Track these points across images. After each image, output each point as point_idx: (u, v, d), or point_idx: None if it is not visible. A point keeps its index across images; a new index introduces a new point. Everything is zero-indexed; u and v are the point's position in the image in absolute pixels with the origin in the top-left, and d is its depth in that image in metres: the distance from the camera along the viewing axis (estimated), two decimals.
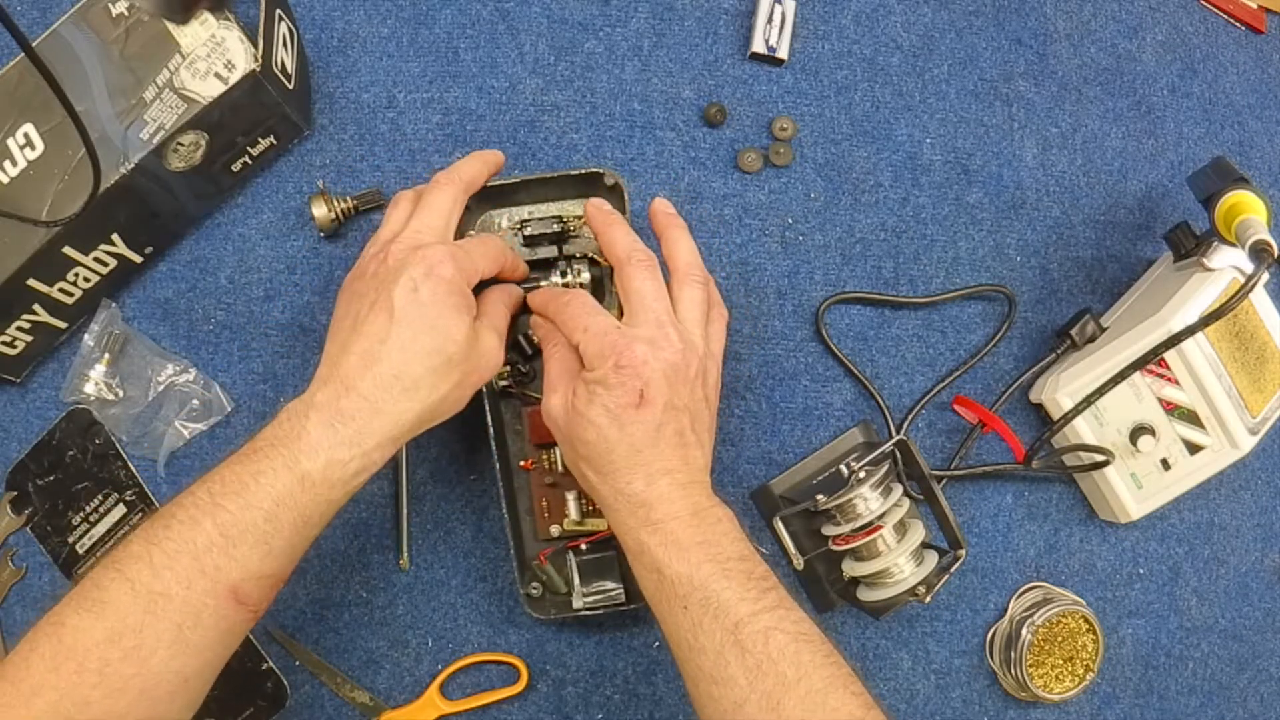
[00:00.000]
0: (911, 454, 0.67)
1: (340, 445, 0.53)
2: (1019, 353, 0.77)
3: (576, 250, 0.67)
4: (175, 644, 0.50)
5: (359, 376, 0.54)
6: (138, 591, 0.50)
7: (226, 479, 0.52)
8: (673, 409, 0.57)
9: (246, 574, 0.52)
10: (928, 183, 0.76)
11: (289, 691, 0.69)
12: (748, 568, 0.55)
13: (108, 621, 0.49)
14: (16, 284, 0.63)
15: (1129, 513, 0.73)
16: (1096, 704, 0.76)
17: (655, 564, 0.55)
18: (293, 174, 0.71)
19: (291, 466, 0.52)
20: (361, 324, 0.55)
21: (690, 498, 0.57)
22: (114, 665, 0.49)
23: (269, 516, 0.52)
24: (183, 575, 0.50)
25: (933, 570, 0.66)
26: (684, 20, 0.75)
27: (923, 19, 0.77)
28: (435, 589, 0.70)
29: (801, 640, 0.54)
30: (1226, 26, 0.82)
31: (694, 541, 0.55)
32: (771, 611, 0.54)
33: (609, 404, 0.56)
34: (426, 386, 0.55)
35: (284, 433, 0.53)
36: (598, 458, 0.57)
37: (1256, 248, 0.62)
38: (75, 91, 0.62)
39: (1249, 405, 0.70)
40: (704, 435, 0.59)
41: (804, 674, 0.52)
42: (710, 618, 0.54)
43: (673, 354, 0.57)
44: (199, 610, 0.51)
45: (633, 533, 0.56)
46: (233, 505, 0.51)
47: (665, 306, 0.59)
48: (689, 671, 0.55)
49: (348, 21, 0.72)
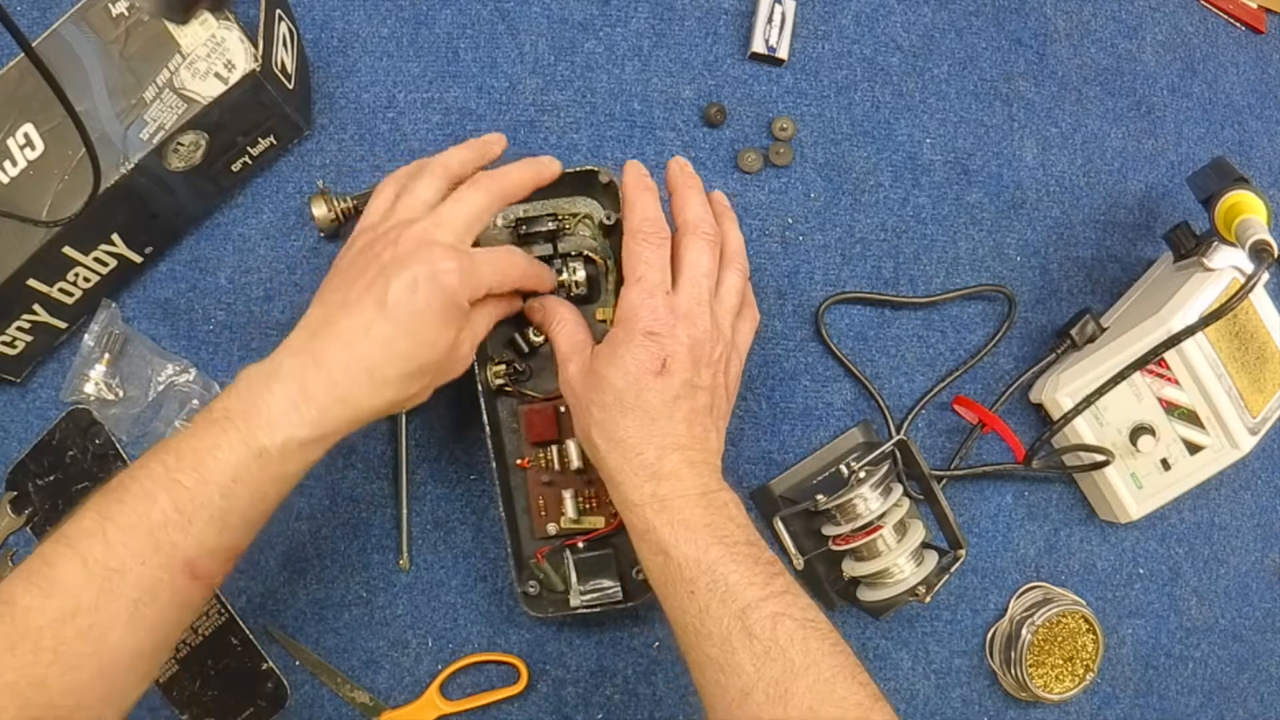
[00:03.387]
0: (911, 454, 0.67)
1: (300, 425, 0.52)
2: (1019, 353, 0.77)
3: (572, 248, 0.67)
4: (131, 621, 0.49)
5: (333, 358, 0.53)
6: (91, 569, 0.49)
7: (182, 452, 0.51)
8: (691, 386, 0.57)
9: (203, 549, 0.51)
10: (928, 183, 0.76)
11: (289, 691, 0.69)
12: (755, 552, 0.55)
13: (61, 600, 0.48)
14: (16, 284, 0.63)
15: (1129, 513, 0.73)
16: (1096, 704, 0.76)
17: (662, 545, 0.55)
18: (293, 174, 0.71)
19: (249, 442, 0.51)
20: (350, 305, 0.54)
21: (700, 477, 0.56)
22: (69, 644, 0.48)
23: (225, 492, 0.51)
24: (138, 551, 0.49)
25: (933, 570, 0.66)
26: (684, 20, 0.75)
27: (923, 19, 0.77)
28: (435, 589, 0.70)
29: (809, 627, 0.53)
30: (1226, 26, 0.82)
31: (702, 523, 0.54)
32: (780, 597, 0.53)
33: (630, 367, 0.56)
34: (394, 387, 0.54)
35: (243, 405, 0.52)
36: (611, 423, 0.57)
37: (1256, 248, 0.62)
38: (75, 91, 0.62)
39: (1249, 405, 0.70)
40: (719, 421, 0.59)
41: (812, 662, 0.51)
42: (718, 602, 0.53)
43: (701, 333, 0.57)
44: (154, 586, 0.50)
45: (638, 510, 0.56)
46: (188, 480, 0.50)
47: (710, 287, 0.59)
48: (695, 658, 0.55)
49: (348, 21, 0.72)
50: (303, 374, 0.52)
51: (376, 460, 0.70)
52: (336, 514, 0.70)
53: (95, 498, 0.51)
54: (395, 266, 0.54)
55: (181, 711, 0.68)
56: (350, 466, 0.70)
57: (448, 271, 0.54)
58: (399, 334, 0.53)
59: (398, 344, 0.54)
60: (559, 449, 0.67)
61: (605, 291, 0.68)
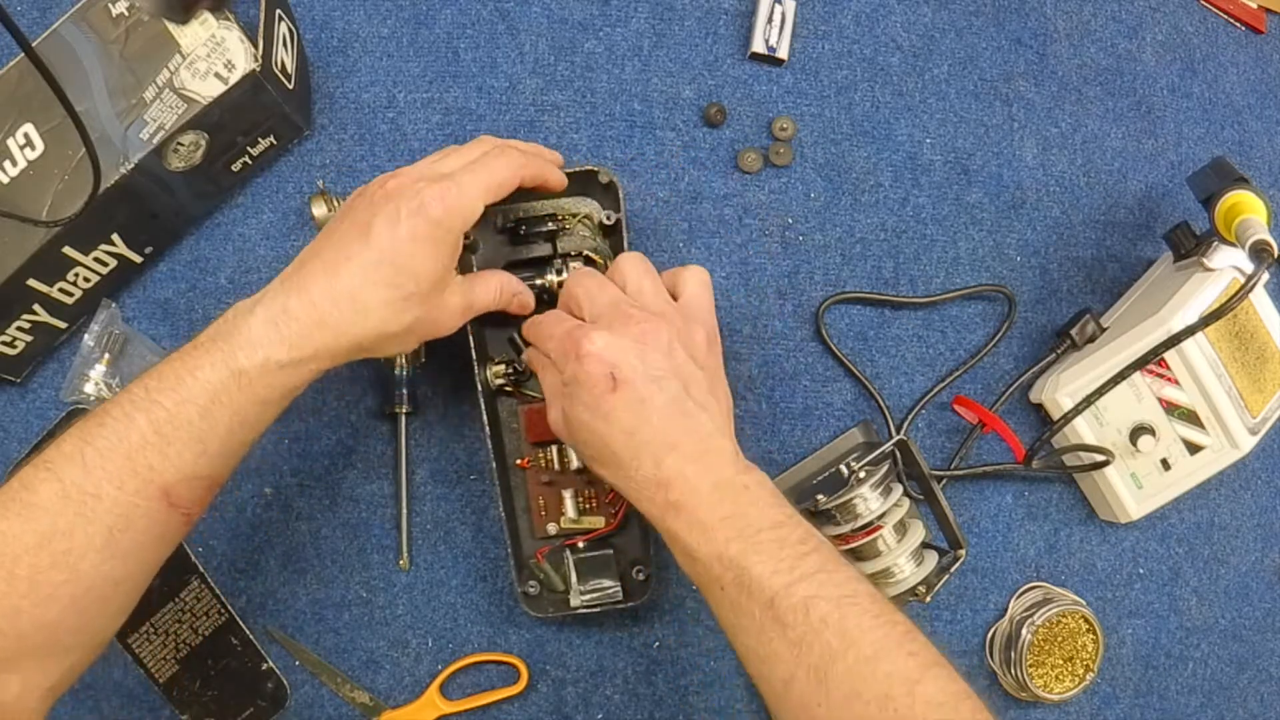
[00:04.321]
0: (911, 454, 0.67)
1: (279, 344, 0.52)
2: (1019, 353, 0.77)
3: (571, 248, 0.67)
4: (105, 548, 0.49)
5: (315, 283, 0.53)
6: (68, 492, 0.48)
7: (164, 374, 0.51)
8: (654, 380, 0.54)
9: (181, 474, 0.51)
10: (928, 183, 0.76)
11: (289, 691, 0.69)
12: (780, 535, 0.52)
13: (38, 524, 0.48)
14: (16, 284, 0.63)
15: (1129, 513, 0.72)
16: (1096, 704, 0.76)
17: (686, 549, 0.54)
18: (293, 174, 0.71)
19: (228, 362, 0.51)
20: (336, 238, 0.55)
21: (708, 471, 0.54)
22: (44, 572, 0.48)
23: (204, 413, 0.51)
24: (115, 474, 0.49)
25: (933, 570, 0.66)
26: (684, 20, 0.75)
27: (923, 19, 0.77)
28: (435, 589, 0.70)
29: (846, 604, 0.50)
30: (1226, 26, 0.82)
31: (717, 519, 0.53)
32: (810, 579, 0.51)
33: (585, 400, 0.55)
34: (377, 316, 0.54)
35: (226, 328, 0.53)
36: (601, 455, 0.56)
37: (1256, 248, 0.62)
38: (75, 91, 0.62)
39: (1249, 405, 0.70)
40: (706, 399, 0.56)
41: (851, 642, 0.49)
42: (746, 596, 0.51)
43: (634, 326, 0.55)
44: (130, 512, 0.50)
45: (660, 521, 0.55)
46: (168, 401, 0.50)
47: (613, 292, 0.58)
48: (740, 652, 0.54)
49: (348, 21, 0.72)
50: (285, 297, 0.53)
51: (376, 460, 0.70)
52: (336, 514, 0.70)
53: (79, 423, 0.51)
54: (381, 204, 0.55)
55: (181, 711, 0.68)
56: (350, 466, 0.70)
57: (430, 202, 0.55)
58: (382, 260, 0.54)
59: (381, 270, 0.54)
60: (559, 449, 0.67)
61: None
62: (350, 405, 0.70)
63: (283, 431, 0.70)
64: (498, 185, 0.58)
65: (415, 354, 0.68)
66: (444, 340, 0.61)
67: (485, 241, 0.67)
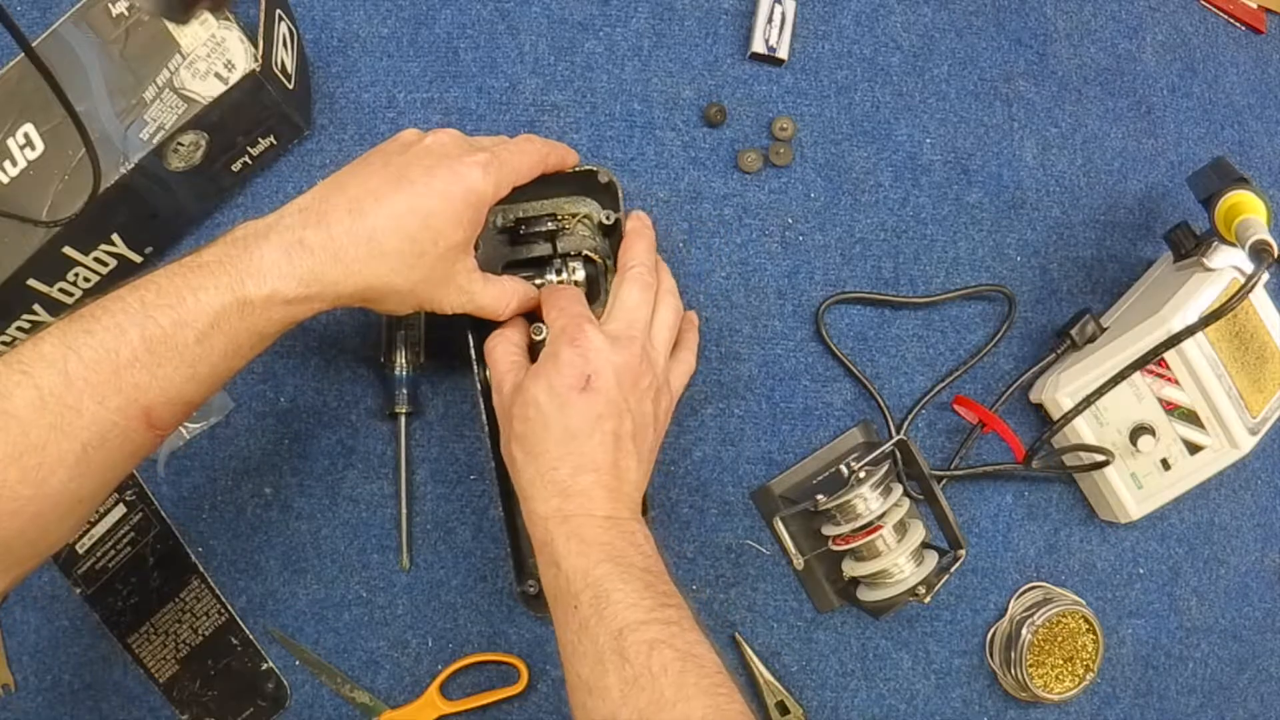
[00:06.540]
0: (911, 454, 0.67)
1: (289, 278, 0.50)
2: (1019, 353, 0.77)
3: (571, 248, 0.67)
4: (78, 465, 0.46)
5: (337, 218, 0.51)
6: (46, 403, 0.45)
7: (163, 288, 0.48)
8: (616, 407, 0.55)
9: (166, 396, 0.48)
10: (928, 183, 0.76)
11: (289, 691, 0.69)
12: (650, 580, 0.52)
13: (10, 437, 0.45)
14: (16, 284, 0.63)
15: (1129, 513, 0.72)
16: (1096, 704, 0.76)
17: (554, 558, 0.53)
18: (293, 174, 0.71)
19: (235, 288, 0.49)
20: (362, 177, 0.53)
21: (612, 504, 0.55)
22: (12, 488, 0.45)
23: (201, 337, 0.48)
24: (98, 390, 0.46)
25: (933, 570, 0.66)
26: (684, 20, 0.75)
27: (923, 19, 0.77)
28: (435, 589, 0.70)
29: (690, 660, 0.49)
30: (1226, 26, 0.82)
31: (599, 541, 0.53)
32: (665, 625, 0.50)
33: (554, 382, 0.55)
34: (390, 265, 0.52)
35: (236, 252, 0.50)
36: (531, 436, 0.56)
37: (1256, 248, 0.62)
38: (75, 91, 0.62)
39: (1249, 405, 0.70)
40: (644, 452, 0.58)
41: (684, 697, 0.48)
42: (596, 618, 0.50)
43: (630, 358, 0.57)
44: (108, 430, 0.47)
45: (543, 522, 0.55)
46: (165, 319, 0.47)
47: (643, 320, 0.59)
48: (569, 680, 0.52)
49: (348, 21, 0.72)
50: (302, 228, 0.51)
51: (376, 460, 0.70)
52: (336, 514, 0.70)
53: (61, 323, 0.48)
54: (421, 155, 0.54)
55: (181, 711, 0.68)
56: (350, 466, 0.70)
57: (472, 165, 0.54)
58: (412, 211, 0.53)
59: (407, 220, 0.53)
60: None
61: (604, 291, 0.68)
62: (350, 405, 0.70)
63: (283, 431, 0.70)
64: (528, 169, 0.59)
65: (415, 354, 0.69)
66: (444, 340, 0.61)
67: (485, 241, 0.67)
